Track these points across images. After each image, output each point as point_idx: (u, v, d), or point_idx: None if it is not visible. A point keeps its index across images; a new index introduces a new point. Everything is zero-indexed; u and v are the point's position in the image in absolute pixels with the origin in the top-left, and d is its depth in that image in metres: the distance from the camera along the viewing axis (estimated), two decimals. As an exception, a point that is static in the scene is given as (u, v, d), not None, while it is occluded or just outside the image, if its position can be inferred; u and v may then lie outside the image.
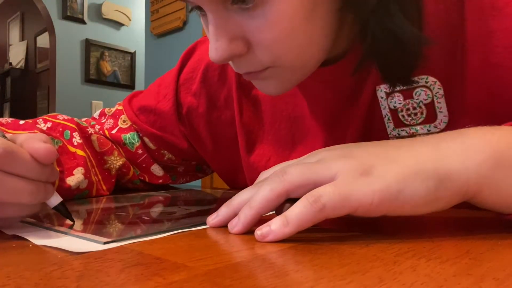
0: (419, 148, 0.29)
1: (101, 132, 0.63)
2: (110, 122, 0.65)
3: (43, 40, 4.16)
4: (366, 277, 0.20)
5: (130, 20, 4.12)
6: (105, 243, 0.26)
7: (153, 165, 0.65)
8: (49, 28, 3.74)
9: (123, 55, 4.09)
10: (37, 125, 0.56)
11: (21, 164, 0.29)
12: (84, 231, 0.30)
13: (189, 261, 0.22)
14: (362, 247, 0.25)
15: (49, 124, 0.57)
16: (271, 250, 0.25)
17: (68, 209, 0.34)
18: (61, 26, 3.75)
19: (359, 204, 0.27)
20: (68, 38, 3.78)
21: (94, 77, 3.85)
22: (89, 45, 3.86)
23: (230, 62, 0.40)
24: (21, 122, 0.55)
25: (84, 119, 0.65)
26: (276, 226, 0.27)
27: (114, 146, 0.62)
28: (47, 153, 0.30)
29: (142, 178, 0.65)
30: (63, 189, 0.50)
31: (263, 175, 0.36)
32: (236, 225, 0.30)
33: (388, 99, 0.46)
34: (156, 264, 0.22)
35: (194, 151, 0.64)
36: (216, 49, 0.36)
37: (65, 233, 0.30)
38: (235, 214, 0.31)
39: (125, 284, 0.19)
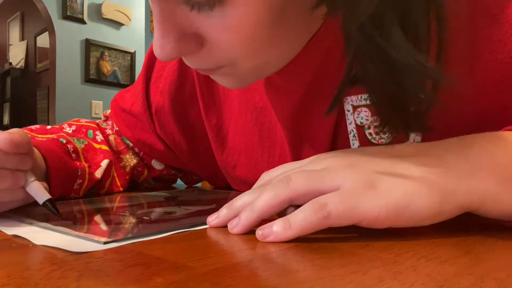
0: (425, 160, 0.29)
1: (114, 133, 0.64)
2: (109, 124, 0.66)
3: (43, 40, 4.16)
4: (366, 277, 0.20)
5: (130, 20, 4.12)
6: (105, 243, 0.26)
7: (152, 161, 0.65)
8: (49, 28, 3.74)
9: (123, 55, 4.08)
10: (64, 130, 0.60)
11: None
12: (84, 231, 0.30)
13: (189, 261, 0.22)
14: (362, 247, 0.25)
15: (73, 127, 0.61)
16: (271, 250, 0.25)
17: (55, 205, 0.37)
18: (61, 26, 3.74)
19: (365, 217, 0.27)
20: (68, 38, 3.77)
21: (94, 77, 3.85)
22: (89, 45, 3.85)
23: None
24: (48, 127, 0.58)
25: (99, 121, 0.66)
26: (278, 228, 0.27)
27: (129, 146, 0.63)
28: (7, 142, 0.35)
29: (150, 176, 0.66)
30: (93, 181, 0.54)
31: (265, 176, 0.35)
32: (236, 226, 0.30)
33: (355, 113, 0.42)
34: (156, 264, 0.22)
35: (172, 154, 0.62)
36: (161, 46, 0.31)
37: (65, 233, 0.30)
38: (235, 216, 0.31)
39: (125, 284, 0.19)
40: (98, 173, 0.55)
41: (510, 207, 0.28)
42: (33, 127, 0.58)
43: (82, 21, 3.86)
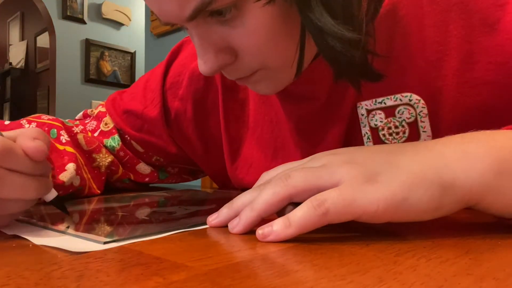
0: (424, 154, 0.29)
1: (84, 131, 0.62)
2: (93, 124, 0.64)
3: (43, 40, 4.16)
4: (366, 277, 0.20)
5: (130, 20, 4.12)
6: (105, 243, 0.26)
7: (139, 164, 0.64)
8: (49, 28, 3.74)
9: (123, 55, 4.09)
10: (22, 127, 0.55)
11: (19, 160, 0.30)
12: (84, 231, 0.30)
13: (189, 261, 0.22)
14: (362, 247, 0.25)
15: (33, 125, 0.56)
16: (271, 250, 0.25)
17: (64, 203, 0.35)
18: (61, 26, 3.75)
19: (364, 211, 0.27)
20: (68, 38, 3.78)
21: (94, 77, 3.85)
22: (89, 45, 3.86)
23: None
24: (6, 122, 0.54)
25: (67, 120, 0.64)
26: (278, 227, 0.27)
27: (102, 144, 0.61)
28: (37, 151, 0.31)
29: (128, 176, 0.64)
30: (56, 186, 0.49)
31: (265, 176, 0.35)
32: (236, 226, 0.30)
33: (369, 116, 0.45)
34: (156, 264, 0.22)
35: (183, 155, 0.64)
36: (205, 62, 0.37)
37: (65, 233, 0.30)
38: (236, 216, 0.31)
39: (125, 284, 0.19)
40: (63, 177, 0.49)
41: (509, 202, 0.28)
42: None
43: (82, 21, 3.87)
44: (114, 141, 0.62)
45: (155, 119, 0.60)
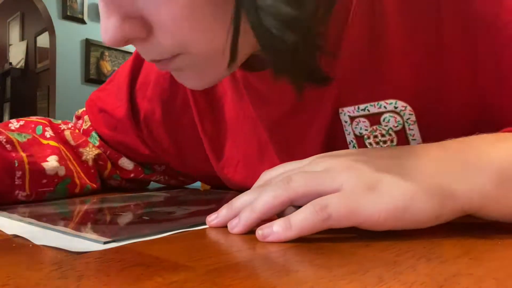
0: (425, 163, 0.29)
1: (71, 128, 0.61)
2: (79, 123, 0.64)
3: (43, 40, 4.16)
4: (366, 277, 0.20)
5: (130, 20, 4.12)
6: (105, 243, 0.26)
7: (121, 159, 0.62)
8: (49, 28, 3.74)
9: (123, 55, 4.08)
10: (9, 124, 0.56)
11: None
12: (84, 231, 0.30)
13: (189, 261, 0.22)
14: (362, 247, 0.25)
15: (22, 122, 0.56)
16: (271, 250, 0.25)
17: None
18: (61, 26, 3.75)
19: (365, 219, 0.27)
20: (68, 38, 3.78)
21: (94, 77, 3.85)
22: (89, 45, 3.86)
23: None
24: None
25: (59, 121, 0.63)
26: (278, 229, 0.27)
27: (88, 139, 0.60)
28: None
29: (116, 173, 0.63)
30: (39, 172, 0.48)
31: (265, 175, 0.35)
32: (236, 226, 0.29)
33: (353, 124, 0.42)
34: (156, 264, 0.22)
35: (156, 156, 0.61)
36: (106, 28, 0.31)
37: (65, 233, 0.30)
38: (235, 216, 0.31)
39: (125, 284, 0.19)
40: (47, 166, 0.49)
41: (510, 209, 0.28)
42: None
43: (82, 21, 3.87)
44: (93, 139, 0.61)
45: (124, 119, 0.58)
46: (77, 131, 0.61)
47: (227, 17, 0.31)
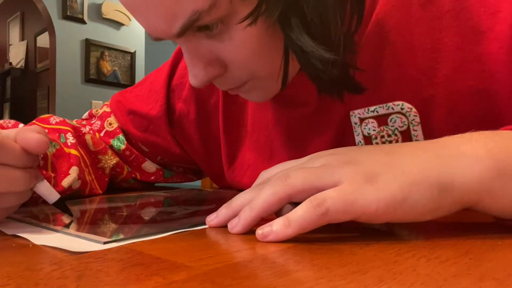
0: (423, 155, 0.29)
1: (91, 132, 0.63)
2: (97, 124, 0.65)
3: (43, 40, 4.16)
4: (366, 277, 0.20)
5: (130, 20, 4.12)
6: (105, 243, 0.26)
7: (145, 163, 0.65)
8: (49, 28, 3.74)
9: (123, 55, 4.08)
10: (51, 119, 0.58)
11: (11, 153, 0.31)
12: (84, 231, 0.30)
13: (189, 261, 0.22)
14: (362, 247, 0.25)
15: (57, 120, 0.59)
16: (271, 250, 0.25)
17: (66, 205, 0.35)
18: (61, 26, 3.74)
19: (363, 211, 0.27)
20: (68, 38, 3.77)
21: (94, 77, 3.85)
22: (89, 45, 3.85)
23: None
24: (21, 125, 0.54)
25: (74, 120, 0.65)
26: (277, 227, 0.27)
27: (108, 146, 0.62)
28: (39, 143, 0.32)
29: (134, 176, 0.65)
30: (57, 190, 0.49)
31: (264, 175, 0.35)
32: (236, 226, 0.30)
33: (362, 125, 0.45)
34: (156, 264, 0.22)
35: (186, 156, 0.64)
36: (194, 75, 0.39)
37: (66, 233, 0.30)
38: (235, 216, 0.31)
39: (125, 284, 0.19)
40: (65, 183, 0.50)
41: (508, 202, 0.28)
42: (4, 124, 0.52)
43: (82, 21, 3.86)
44: (119, 141, 0.63)
45: (159, 119, 0.61)
46: (97, 135, 0.63)
47: (280, 50, 0.38)
